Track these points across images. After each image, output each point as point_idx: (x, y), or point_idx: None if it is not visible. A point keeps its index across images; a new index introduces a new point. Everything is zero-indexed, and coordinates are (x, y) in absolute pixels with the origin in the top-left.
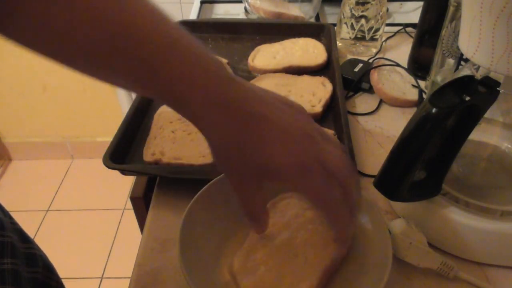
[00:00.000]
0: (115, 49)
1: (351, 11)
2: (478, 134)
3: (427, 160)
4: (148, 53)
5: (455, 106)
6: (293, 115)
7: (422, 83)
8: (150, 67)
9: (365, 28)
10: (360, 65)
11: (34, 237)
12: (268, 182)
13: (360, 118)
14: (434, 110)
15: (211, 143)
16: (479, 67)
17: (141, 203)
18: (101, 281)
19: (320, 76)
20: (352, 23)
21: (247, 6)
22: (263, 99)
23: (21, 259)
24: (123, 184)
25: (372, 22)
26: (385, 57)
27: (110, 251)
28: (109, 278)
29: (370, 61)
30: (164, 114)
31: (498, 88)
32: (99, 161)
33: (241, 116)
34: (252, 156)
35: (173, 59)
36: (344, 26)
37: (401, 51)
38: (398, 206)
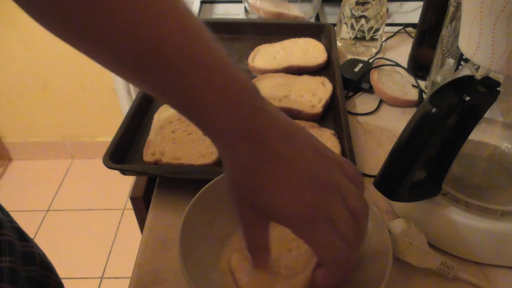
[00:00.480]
0: (147, 65)
1: (351, 11)
2: (478, 134)
3: (427, 160)
4: (178, 74)
5: (455, 106)
6: (319, 161)
7: (422, 83)
8: (178, 88)
9: (365, 28)
10: (360, 65)
11: (34, 237)
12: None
13: (360, 118)
14: (434, 110)
15: (226, 171)
16: (479, 67)
17: (141, 203)
18: (101, 281)
19: (320, 76)
20: (352, 23)
21: (247, 6)
22: (290, 138)
23: (19, 258)
24: (123, 184)
25: (372, 22)
26: (385, 57)
27: (110, 251)
28: (109, 278)
29: (370, 61)
30: (164, 114)
31: (498, 88)
32: (99, 161)
33: (260, 151)
34: (261, 196)
35: (202, 83)
36: (344, 26)
37: (401, 51)
38: (398, 206)
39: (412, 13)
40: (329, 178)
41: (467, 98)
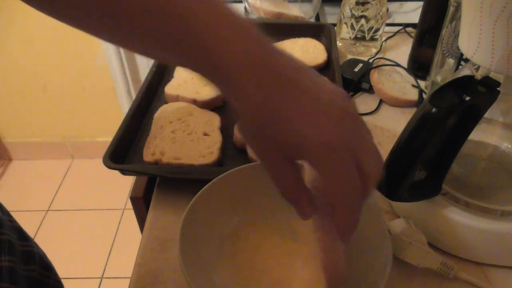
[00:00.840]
0: (156, 7)
1: (351, 11)
2: (478, 134)
3: (427, 160)
4: (187, 12)
5: (455, 106)
6: (335, 93)
7: (422, 83)
8: (189, 28)
9: (365, 28)
10: (360, 65)
11: (34, 237)
12: (296, 156)
13: None
14: (434, 110)
15: (240, 111)
16: (479, 67)
17: (141, 203)
18: (101, 281)
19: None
20: (352, 23)
21: (247, 6)
22: (302, 70)
23: (18, 257)
24: (123, 184)
25: (372, 22)
26: (385, 57)
27: (110, 251)
28: (109, 278)
29: (370, 61)
30: (164, 114)
31: (498, 88)
32: (99, 161)
33: (277, 79)
34: (280, 126)
35: (214, 20)
36: (344, 26)
37: (401, 51)
38: (398, 206)
39: (412, 13)
40: (351, 108)
41: (467, 98)
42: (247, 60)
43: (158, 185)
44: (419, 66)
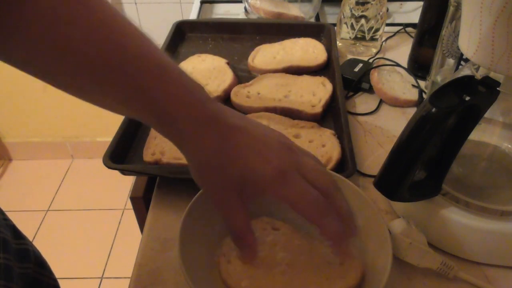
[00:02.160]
0: (105, 65)
1: (351, 11)
2: (478, 134)
3: (427, 160)
4: (137, 71)
5: (455, 106)
6: (268, 129)
7: (422, 83)
8: (138, 85)
9: (365, 28)
10: (360, 65)
11: (34, 237)
12: (249, 194)
13: (360, 118)
14: (434, 110)
15: (191, 159)
16: (479, 67)
17: (141, 203)
18: (101, 281)
19: (320, 76)
20: (352, 23)
21: (247, 6)
22: (240, 116)
23: (13, 255)
24: (123, 184)
25: (372, 22)
26: (385, 57)
27: (110, 251)
28: (109, 278)
29: (370, 61)
30: None
31: (498, 88)
32: (99, 161)
33: (220, 128)
34: (231, 167)
35: (161, 78)
36: (344, 26)
37: (401, 51)
38: (398, 206)
39: (412, 13)
40: (284, 139)
41: (467, 98)
42: (192, 115)
43: (158, 185)
44: (419, 66)
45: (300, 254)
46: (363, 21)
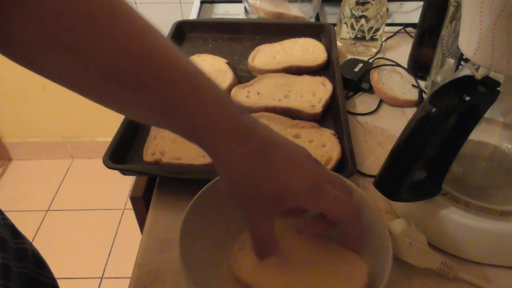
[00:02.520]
0: (137, 79)
1: (351, 11)
2: (478, 134)
3: (427, 160)
4: (170, 87)
5: (455, 106)
6: (294, 143)
7: (422, 83)
8: (171, 102)
9: (365, 28)
10: (360, 65)
11: (34, 237)
12: (285, 207)
13: (360, 118)
14: (434, 110)
15: (225, 173)
16: (479, 67)
17: (141, 203)
18: (101, 281)
19: (320, 76)
20: (352, 23)
21: (247, 6)
22: (271, 129)
23: (12, 254)
24: (123, 184)
25: (372, 22)
26: (385, 57)
27: (110, 251)
28: (109, 278)
29: (370, 61)
30: None
31: (498, 88)
32: (99, 161)
33: (255, 142)
34: (267, 183)
35: (194, 93)
36: (344, 26)
37: (401, 51)
38: (398, 206)
39: (412, 13)
40: (309, 153)
41: (467, 98)
42: (228, 130)
43: (158, 185)
44: (419, 66)
45: (311, 254)
46: (363, 21)
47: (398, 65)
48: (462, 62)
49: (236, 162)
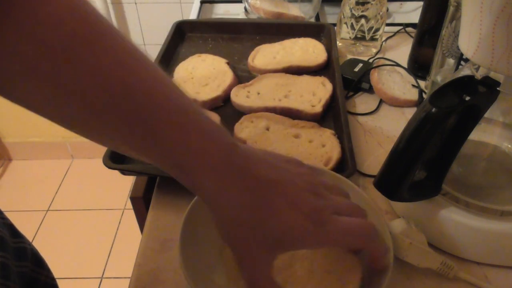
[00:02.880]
0: (117, 109)
1: (351, 11)
2: (478, 134)
3: (427, 160)
4: (152, 119)
5: (455, 106)
6: (295, 171)
7: (422, 83)
8: (152, 132)
9: (365, 28)
10: (360, 65)
11: (34, 237)
12: (285, 249)
13: (360, 118)
14: (434, 110)
15: (218, 215)
16: (479, 67)
17: (141, 203)
18: (101, 281)
19: (320, 76)
20: (352, 23)
21: (247, 6)
22: (266, 161)
23: (11, 253)
24: (123, 184)
25: (372, 22)
26: (385, 57)
27: (110, 251)
28: (109, 278)
29: (370, 61)
30: None
31: (498, 88)
32: (99, 161)
33: (249, 183)
34: (268, 222)
35: (179, 126)
36: (344, 26)
37: (401, 51)
38: (398, 206)
39: (412, 13)
40: (313, 181)
41: (467, 98)
42: (215, 167)
43: (158, 185)
44: (419, 66)
45: (306, 252)
46: (363, 21)
47: (398, 65)
48: (462, 62)
49: (227, 203)
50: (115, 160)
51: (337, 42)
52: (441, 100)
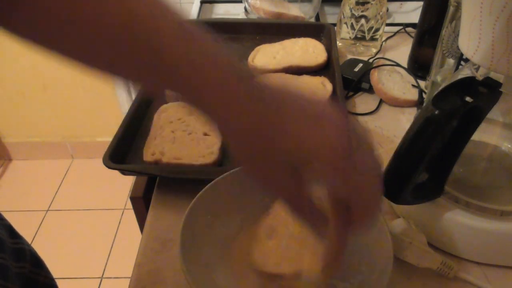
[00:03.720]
0: (126, 41)
1: (351, 11)
2: (478, 134)
3: (429, 162)
4: (150, 32)
5: (458, 108)
6: (321, 101)
7: (422, 83)
8: (165, 59)
9: (365, 28)
10: (360, 65)
11: (34, 237)
12: (308, 173)
13: (360, 118)
14: (437, 112)
15: (231, 138)
16: (479, 67)
17: (141, 203)
18: (101, 281)
19: (320, 76)
20: (352, 23)
21: (247, 6)
22: (285, 86)
23: (9, 254)
24: (123, 184)
25: (372, 22)
26: (385, 57)
27: (110, 251)
28: (109, 278)
29: (370, 61)
30: (164, 114)
31: (500, 89)
32: (99, 161)
33: (267, 97)
34: (281, 137)
35: (190, 50)
36: (344, 26)
37: (401, 51)
38: (398, 206)
39: (412, 13)
40: (333, 110)
41: (470, 100)
42: (229, 92)
43: (158, 185)
44: (419, 66)
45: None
46: (363, 21)
47: (398, 65)
48: (462, 62)
49: (238, 121)
50: (115, 160)
51: (337, 42)
52: (443, 102)
